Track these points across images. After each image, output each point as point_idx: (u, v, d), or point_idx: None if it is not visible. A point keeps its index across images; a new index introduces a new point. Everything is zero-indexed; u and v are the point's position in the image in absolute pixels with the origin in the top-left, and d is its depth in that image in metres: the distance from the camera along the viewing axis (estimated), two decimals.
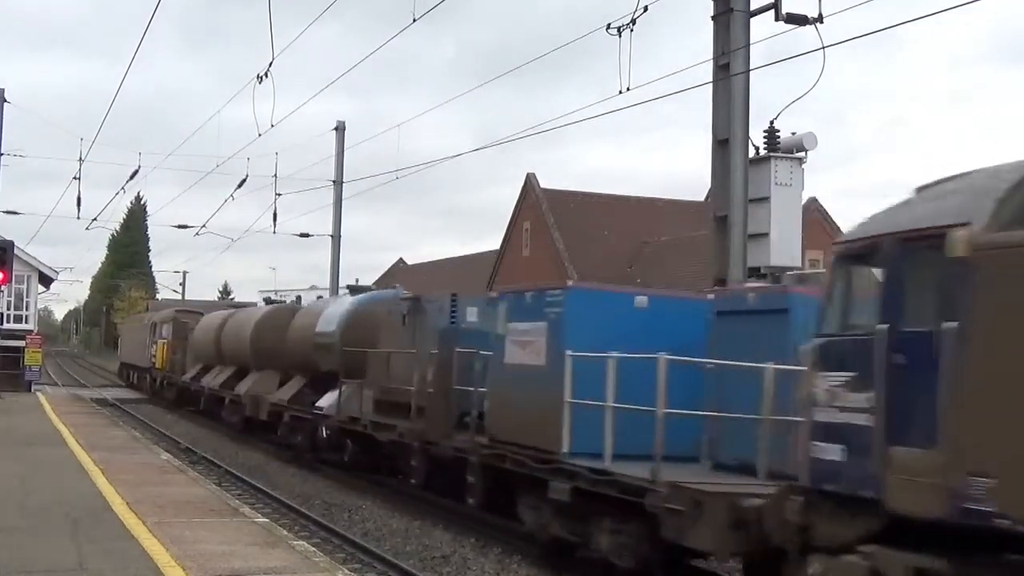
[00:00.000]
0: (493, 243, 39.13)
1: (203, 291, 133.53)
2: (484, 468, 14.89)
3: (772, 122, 19.07)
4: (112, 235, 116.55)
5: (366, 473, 21.67)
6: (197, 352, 37.33)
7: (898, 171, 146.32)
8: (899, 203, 8.47)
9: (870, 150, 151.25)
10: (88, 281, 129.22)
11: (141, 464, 18.70)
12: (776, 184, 18.68)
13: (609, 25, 15.95)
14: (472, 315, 17.72)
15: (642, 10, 15.39)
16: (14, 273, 32.09)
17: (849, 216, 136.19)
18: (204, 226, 40.77)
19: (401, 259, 55.89)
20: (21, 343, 44.70)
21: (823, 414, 8.41)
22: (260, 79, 20.91)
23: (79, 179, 32.49)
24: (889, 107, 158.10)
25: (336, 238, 43.02)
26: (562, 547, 13.30)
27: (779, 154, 18.84)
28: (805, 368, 8.86)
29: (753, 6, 17.92)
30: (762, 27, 19.70)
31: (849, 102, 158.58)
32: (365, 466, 21.72)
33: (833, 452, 8.23)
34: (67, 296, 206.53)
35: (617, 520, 11.70)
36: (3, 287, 28.87)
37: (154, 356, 46.12)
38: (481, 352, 15.26)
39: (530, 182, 36.10)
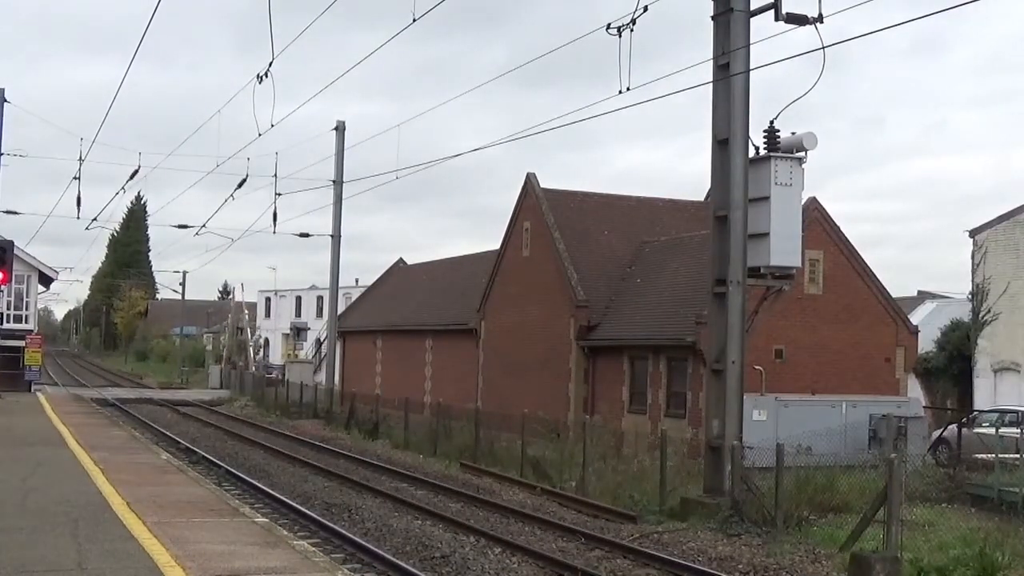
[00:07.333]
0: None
1: (203, 291, 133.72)
2: None
3: (772, 122, 19.05)
4: (112, 235, 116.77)
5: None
6: None
7: (935, 171, 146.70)
8: None
9: (909, 152, 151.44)
10: (88, 281, 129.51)
11: (141, 464, 18.70)
12: (776, 184, 18.65)
13: (609, 25, 15.91)
14: None
15: (642, 10, 15.37)
16: (14, 273, 32.08)
17: (873, 215, 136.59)
18: (204, 226, 40.70)
19: (401, 259, 55.72)
20: (21, 343, 44.80)
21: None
22: (260, 79, 20.81)
23: (79, 179, 32.42)
24: (930, 109, 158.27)
25: (336, 238, 42.99)
26: None
27: (779, 154, 18.82)
28: None
29: (753, 6, 17.92)
30: (763, 28, 19.68)
31: (890, 104, 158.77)
32: None
33: None
34: (67, 296, 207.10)
35: None
36: (3, 287, 28.83)
37: None
38: None
39: (530, 182, 36.04)
